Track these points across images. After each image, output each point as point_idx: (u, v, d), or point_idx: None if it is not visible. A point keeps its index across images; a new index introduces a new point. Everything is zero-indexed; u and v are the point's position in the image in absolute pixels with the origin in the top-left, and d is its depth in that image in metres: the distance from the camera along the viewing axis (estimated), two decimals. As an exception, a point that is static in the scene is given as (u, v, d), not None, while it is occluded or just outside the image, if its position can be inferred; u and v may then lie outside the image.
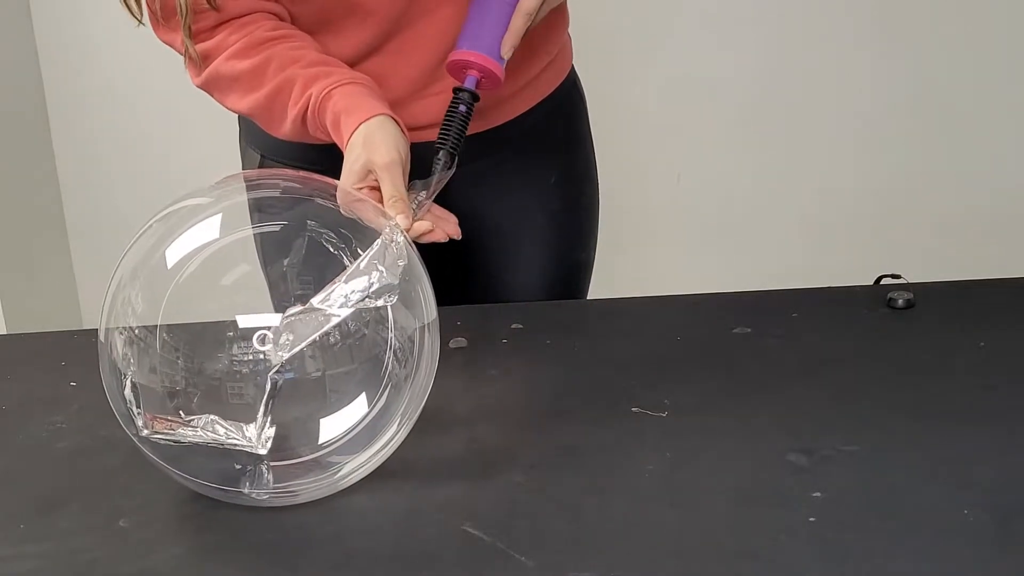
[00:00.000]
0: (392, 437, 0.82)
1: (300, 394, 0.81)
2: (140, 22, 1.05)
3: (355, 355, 0.83)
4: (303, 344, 0.79)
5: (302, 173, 0.91)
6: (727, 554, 0.73)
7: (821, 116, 2.34)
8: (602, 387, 0.97)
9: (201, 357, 0.81)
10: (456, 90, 1.03)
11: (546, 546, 0.74)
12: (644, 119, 2.28)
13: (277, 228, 0.84)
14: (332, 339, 0.81)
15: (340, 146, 1.00)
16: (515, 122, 1.18)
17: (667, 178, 2.38)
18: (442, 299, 0.87)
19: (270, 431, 0.79)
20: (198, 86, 1.09)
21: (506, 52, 1.03)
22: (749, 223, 2.42)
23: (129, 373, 0.80)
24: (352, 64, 1.07)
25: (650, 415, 0.91)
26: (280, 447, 0.80)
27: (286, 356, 0.78)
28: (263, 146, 1.20)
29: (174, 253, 0.82)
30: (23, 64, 2.29)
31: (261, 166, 1.21)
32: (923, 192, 2.36)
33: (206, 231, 0.83)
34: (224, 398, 0.80)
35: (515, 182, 1.22)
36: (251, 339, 0.79)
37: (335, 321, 0.79)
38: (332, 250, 0.83)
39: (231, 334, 0.80)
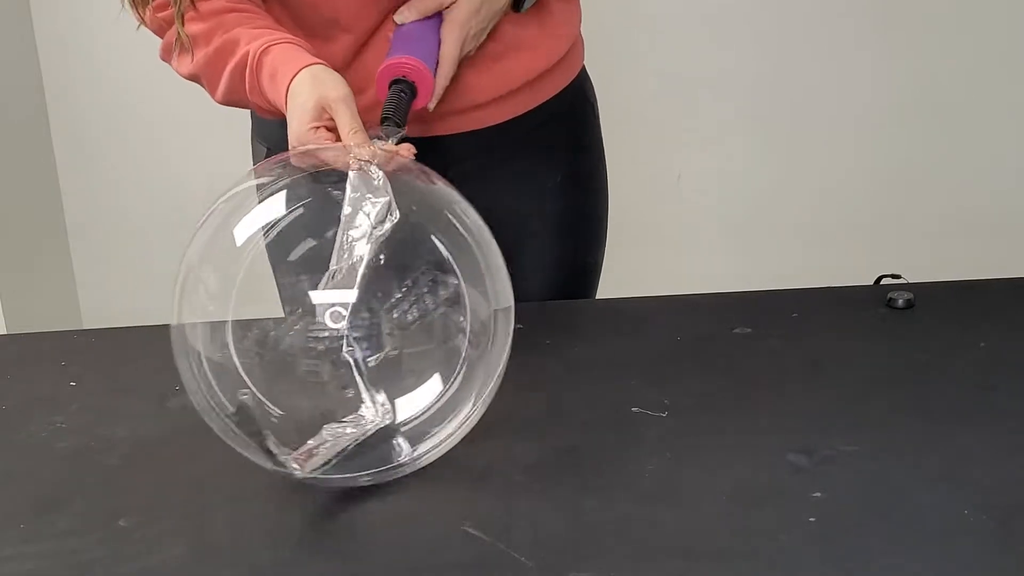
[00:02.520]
0: (468, 415, 0.83)
1: (379, 374, 0.82)
2: (141, 22, 1.06)
3: (432, 335, 0.84)
4: (351, 304, 0.79)
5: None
6: (727, 554, 0.73)
7: (821, 116, 2.35)
8: (602, 387, 0.97)
9: (276, 336, 0.82)
10: (392, 82, 1.00)
11: (546, 546, 0.74)
12: (644, 119, 2.28)
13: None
14: (409, 317, 0.82)
15: (278, 103, 0.98)
16: (515, 122, 1.17)
17: (667, 178, 2.38)
18: None
19: (382, 399, 0.80)
20: (160, 57, 1.09)
21: (441, 86, 1.01)
22: (749, 223, 2.42)
23: (265, 433, 0.79)
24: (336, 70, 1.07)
25: (650, 415, 0.91)
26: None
27: (344, 325, 0.79)
28: (270, 139, 1.20)
29: (242, 232, 0.82)
30: (23, 64, 2.29)
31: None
32: (923, 192, 2.36)
33: (273, 208, 0.83)
34: (301, 376, 0.81)
35: (515, 184, 1.21)
36: (324, 316, 0.79)
37: (362, 267, 0.79)
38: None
39: (303, 311, 0.80)
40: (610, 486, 0.81)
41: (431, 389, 0.83)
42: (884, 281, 1.15)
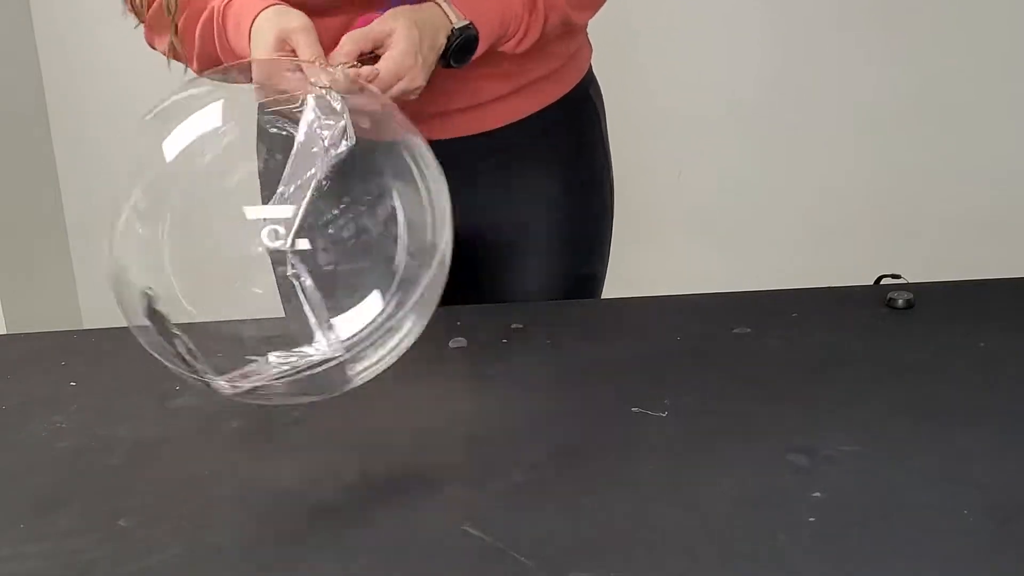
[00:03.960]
0: (406, 334, 0.80)
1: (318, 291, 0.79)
2: (141, 22, 1.05)
3: (369, 252, 0.81)
4: (297, 221, 0.77)
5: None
6: (727, 554, 0.72)
7: (822, 116, 2.35)
8: (602, 387, 0.97)
9: (213, 253, 0.80)
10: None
11: (546, 546, 0.74)
12: (645, 117, 2.28)
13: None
14: (345, 234, 0.80)
15: (243, 50, 0.97)
16: (516, 126, 1.16)
17: (668, 176, 2.38)
18: (446, 304, 0.87)
19: (335, 334, 0.77)
20: (145, 37, 1.10)
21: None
22: (749, 222, 2.42)
23: (182, 340, 0.76)
24: None
25: (650, 415, 0.91)
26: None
27: (280, 244, 0.77)
28: (271, 145, 1.19)
29: (173, 146, 0.79)
30: (23, 64, 2.29)
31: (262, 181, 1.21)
32: (923, 192, 2.36)
33: (207, 120, 0.80)
34: (237, 290, 0.79)
35: (515, 189, 1.20)
36: (260, 233, 0.77)
37: (310, 189, 0.77)
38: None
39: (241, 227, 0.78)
40: (610, 486, 0.81)
41: (369, 306, 0.79)
42: (884, 281, 1.15)
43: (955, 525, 0.74)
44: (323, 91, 0.82)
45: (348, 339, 0.78)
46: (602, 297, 1.31)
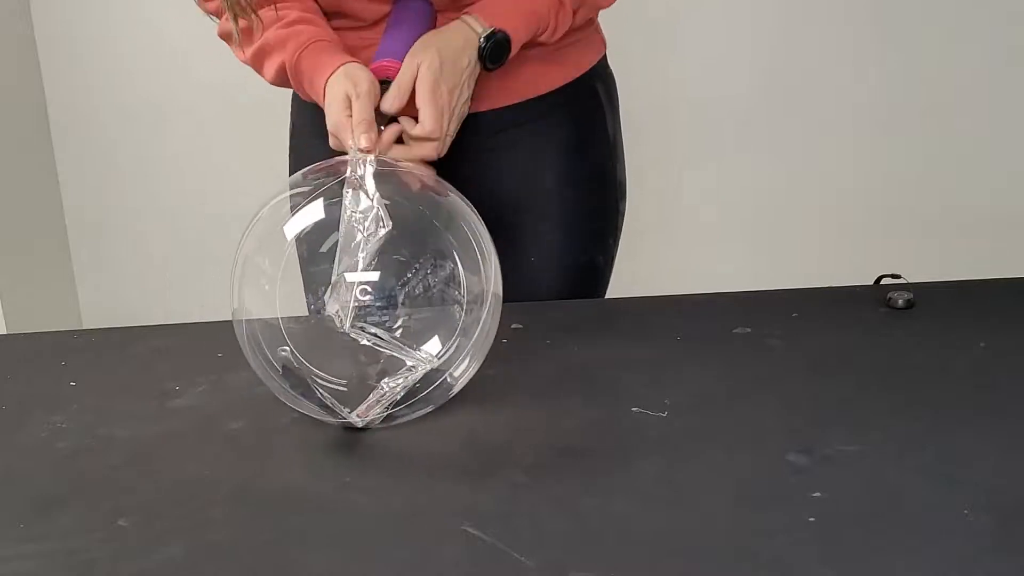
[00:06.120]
0: (464, 371, 0.93)
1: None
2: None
3: (433, 303, 0.94)
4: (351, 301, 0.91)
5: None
6: (727, 554, 0.72)
7: (822, 117, 2.35)
8: (602, 387, 0.97)
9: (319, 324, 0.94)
10: (381, 82, 1.07)
11: (546, 546, 0.74)
12: (644, 118, 2.28)
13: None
14: (416, 291, 0.93)
15: (319, 101, 1.07)
16: (516, 108, 1.18)
17: (667, 176, 2.38)
18: None
19: (423, 351, 0.92)
20: (218, 35, 1.17)
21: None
22: (749, 223, 2.42)
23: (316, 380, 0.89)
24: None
25: (650, 415, 0.91)
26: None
27: (350, 311, 0.90)
28: (299, 118, 1.28)
29: (291, 229, 0.92)
30: (23, 64, 2.29)
31: (291, 135, 1.29)
32: (923, 192, 2.36)
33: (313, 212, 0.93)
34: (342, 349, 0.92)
35: (515, 173, 1.21)
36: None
37: (356, 275, 0.90)
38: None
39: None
40: (610, 486, 0.81)
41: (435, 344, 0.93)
42: (884, 281, 1.15)
43: (955, 525, 0.74)
44: (357, 172, 0.91)
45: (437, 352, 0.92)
46: (603, 297, 1.31)
